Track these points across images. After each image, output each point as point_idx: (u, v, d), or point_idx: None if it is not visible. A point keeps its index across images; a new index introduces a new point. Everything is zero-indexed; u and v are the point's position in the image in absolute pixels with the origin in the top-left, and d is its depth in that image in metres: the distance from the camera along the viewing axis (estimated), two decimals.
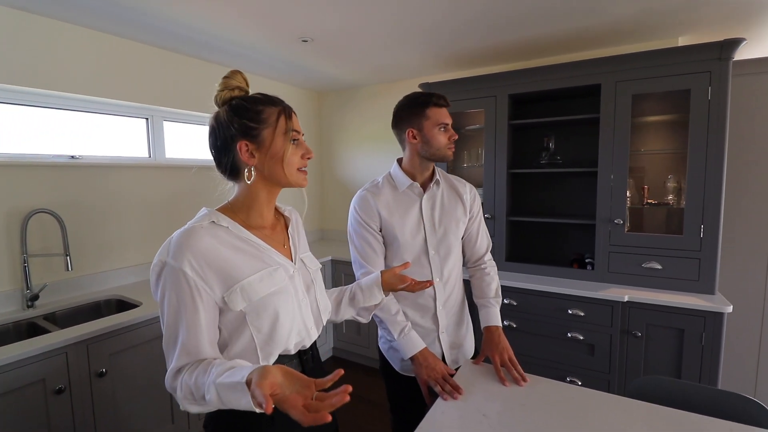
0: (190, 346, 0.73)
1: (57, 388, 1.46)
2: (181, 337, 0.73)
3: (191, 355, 0.73)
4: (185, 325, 0.73)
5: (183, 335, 0.73)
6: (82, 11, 1.77)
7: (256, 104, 0.85)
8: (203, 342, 0.74)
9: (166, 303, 0.74)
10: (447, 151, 1.28)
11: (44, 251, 1.84)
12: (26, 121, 1.90)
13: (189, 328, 0.73)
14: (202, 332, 0.74)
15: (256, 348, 0.80)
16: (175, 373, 0.73)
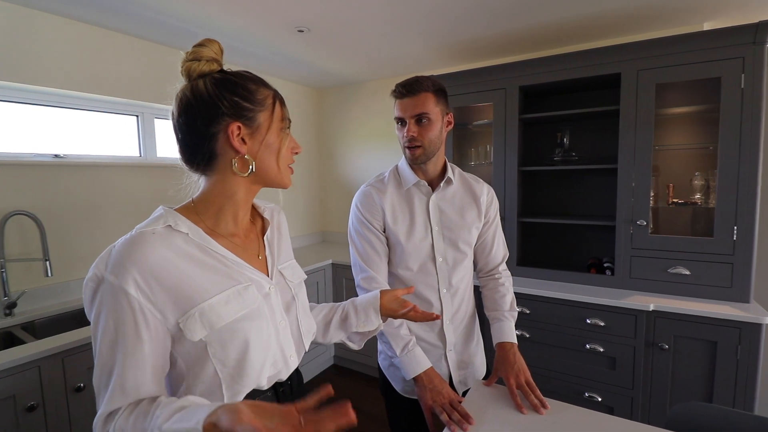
0: (128, 386, 0.58)
1: (29, 405, 1.33)
2: (116, 373, 0.58)
3: (128, 396, 0.58)
4: (122, 360, 0.58)
5: (119, 371, 0.58)
6: (66, 1, 1.66)
7: (247, 81, 0.70)
8: (145, 380, 0.59)
9: (100, 329, 0.59)
10: (405, 151, 1.12)
11: (23, 256, 1.73)
12: (6, 118, 1.79)
13: (127, 364, 0.58)
14: (144, 368, 0.59)
15: (220, 385, 0.65)
16: (106, 417, 0.58)
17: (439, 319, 1.15)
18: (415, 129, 1.08)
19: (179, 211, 0.70)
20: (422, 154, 1.10)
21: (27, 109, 1.85)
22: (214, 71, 0.70)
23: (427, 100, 1.08)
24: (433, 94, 1.09)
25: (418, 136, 1.08)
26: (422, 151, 1.10)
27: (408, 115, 1.08)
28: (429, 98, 1.08)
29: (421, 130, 1.08)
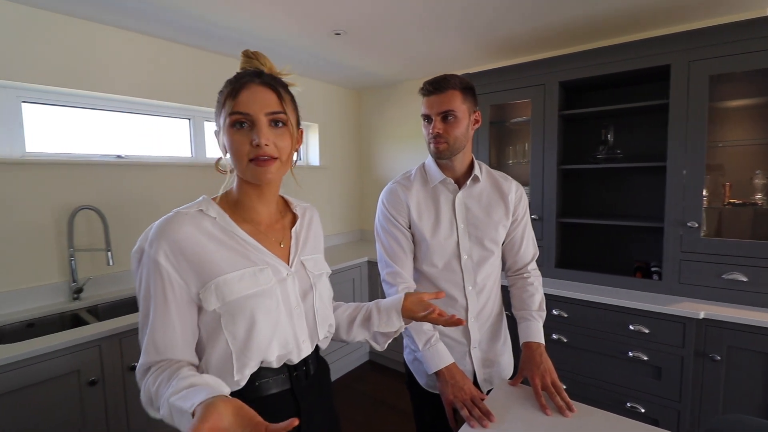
0: (159, 343, 0.68)
1: (90, 379, 1.49)
2: (149, 329, 0.68)
3: (159, 353, 0.68)
4: (154, 319, 0.68)
5: (151, 328, 0.68)
6: (125, 14, 1.83)
7: (223, 88, 0.76)
8: (175, 341, 0.69)
9: (141, 292, 0.70)
10: (430, 146, 1.12)
11: (89, 246, 1.92)
12: (75, 122, 2.00)
13: (157, 323, 0.69)
14: (173, 330, 0.68)
15: (231, 356, 0.71)
16: (144, 370, 0.68)
17: (462, 313, 1.15)
18: (440, 126, 1.09)
19: (215, 199, 0.79)
20: (446, 150, 1.10)
21: (93, 114, 2.06)
22: None
23: (454, 97, 1.08)
24: (460, 92, 1.09)
25: (444, 133, 1.09)
26: (447, 147, 1.10)
27: (434, 112, 1.09)
28: (456, 96, 1.08)
29: (446, 127, 1.09)
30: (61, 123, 1.96)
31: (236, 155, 0.73)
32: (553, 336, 1.98)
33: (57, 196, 1.84)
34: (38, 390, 1.37)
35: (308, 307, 0.82)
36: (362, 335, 0.93)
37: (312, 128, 3.13)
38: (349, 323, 0.93)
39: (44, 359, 1.38)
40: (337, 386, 2.64)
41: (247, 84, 0.72)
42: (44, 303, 1.81)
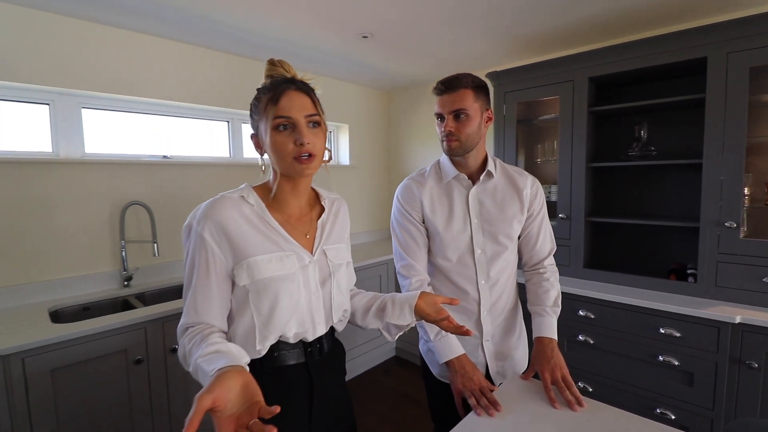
0: (198, 308, 0.78)
1: (136, 358, 1.64)
2: (191, 295, 0.78)
3: (198, 315, 0.78)
4: (196, 286, 0.79)
5: (193, 294, 0.78)
6: (171, 25, 2.00)
7: (260, 94, 0.84)
8: (211, 306, 0.78)
9: (187, 262, 0.81)
10: (443, 144, 1.14)
11: (138, 238, 2.11)
12: (128, 126, 2.20)
13: (198, 290, 0.79)
14: (210, 296, 0.78)
15: (254, 329, 0.80)
16: (183, 330, 0.78)
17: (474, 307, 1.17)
18: (452, 124, 1.11)
19: (255, 188, 0.88)
20: (458, 147, 1.13)
21: (143, 118, 2.25)
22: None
23: (466, 96, 1.11)
24: (472, 91, 1.11)
25: (456, 131, 1.11)
26: (458, 144, 1.13)
27: (446, 110, 1.12)
28: (467, 95, 1.11)
29: (458, 125, 1.11)
30: (115, 126, 2.16)
31: (280, 154, 0.81)
32: (579, 337, 1.95)
33: (111, 193, 2.04)
34: (91, 365, 1.54)
35: (326, 292, 0.89)
36: (376, 324, 0.98)
37: (342, 129, 3.23)
38: (365, 311, 0.99)
39: (97, 338, 1.54)
40: (363, 379, 2.72)
41: (285, 90, 0.80)
42: (98, 289, 2.01)
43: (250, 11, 1.84)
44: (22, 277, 1.81)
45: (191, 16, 1.87)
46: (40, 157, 1.90)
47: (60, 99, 1.95)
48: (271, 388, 0.75)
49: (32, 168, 1.82)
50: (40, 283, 1.85)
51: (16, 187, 1.78)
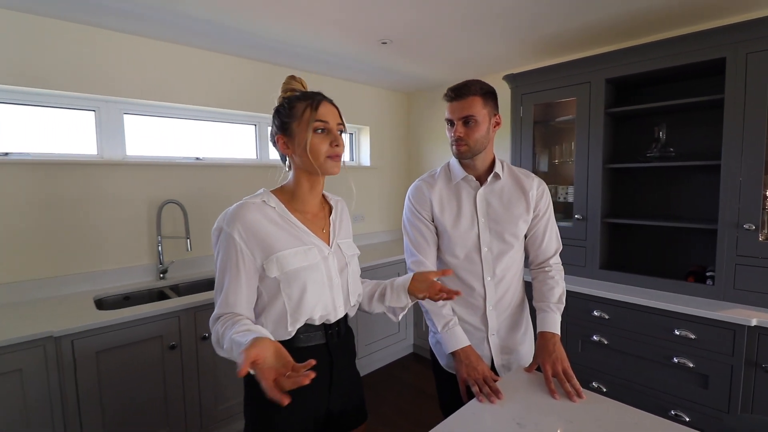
0: (229, 300, 0.88)
1: (171, 344, 1.79)
2: (224, 289, 0.89)
3: (228, 307, 0.88)
4: (228, 282, 0.89)
5: (225, 289, 0.88)
6: (203, 36, 2.15)
7: (292, 101, 0.95)
8: (240, 298, 0.89)
9: (219, 260, 0.91)
10: (452, 148, 1.21)
11: (172, 234, 2.27)
12: (164, 130, 2.37)
13: (231, 285, 0.89)
14: (240, 290, 0.89)
15: (286, 313, 0.91)
16: (215, 319, 0.88)
17: (480, 302, 1.24)
18: (462, 130, 1.18)
19: (274, 192, 0.99)
20: (467, 151, 1.19)
21: (177, 123, 2.42)
22: (282, 100, 0.99)
23: (475, 103, 1.17)
24: (480, 97, 1.17)
25: (465, 137, 1.17)
26: (467, 149, 1.19)
27: (456, 116, 1.18)
28: (476, 101, 1.17)
29: (467, 130, 1.18)
30: (153, 130, 2.34)
31: (316, 152, 0.92)
32: (593, 337, 1.96)
33: (149, 192, 2.21)
34: (130, 349, 1.69)
35: (344, 280, 1.01)
36: (380, 308, 1.10)
37: (363, 131, 3.33)
38: (369, 298, 1.11)
39: (136, 325, 1.70)
40: (381, 374, 2.80)
41: (322, 101, 0.94)
42: (137, 280, 2.18)
43: (276, 21, 1.96)
44: (69, 268, 1.99)
45: (222, 27, 2.01)
46: (87, 159, 2.09)
47: (105, 106, 2.14)
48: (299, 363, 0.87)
49: (79, 169, 2.00)
50: (86, 273, 2.03)
51: (65, 187, 1.96)
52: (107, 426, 1.64)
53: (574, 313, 2.02)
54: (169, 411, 1.80)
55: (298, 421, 0.94)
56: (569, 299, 2.01)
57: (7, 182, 1.82)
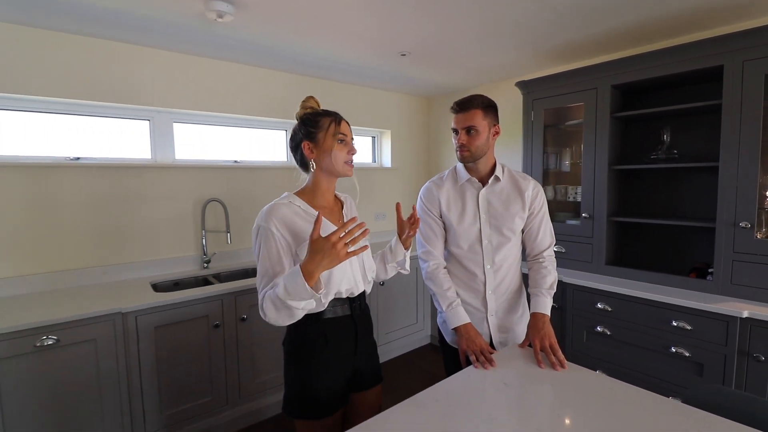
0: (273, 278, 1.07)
1: (215, 323, 2.06)
2: (268, 275, 1.07)
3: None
4: (272, 266, 1.08)
5: (270, 273, 1.07)
6: (240, 53, 2.42)
7: (317, 116, 1.17)
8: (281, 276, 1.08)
9: (261, 251, 1.10)
10: (456, 153, 1.40)
11: (214, 229, 2.56)
12: (206, 137, 2.67)
13: (274, 268, 1.07)
14: (282, 270, 1.08)
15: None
16: (262, 297, 1.07)
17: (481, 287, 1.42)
18: (465, 138, 1.37)
19: (297, 193, 1.20)
20: (469, 156, 1.38)
21: (216, 130, 2.71)
22: (308, 112, 1.19)
23: (476, 115, 1.35)
24: (481, 110, 1.36)
25: (467, 144, 1.36)
26: (469, 155, 1.38)
27: (460, 126, 1.37)
28: (478, 114, 1.35)
29: (469, 139, 1.36)
30: (198, 137, 2.63)
31: (337, 159, 1.15)
32: (597, 328, 2.09)
33: (194, 191, 2.50)
34: (182, 326, 1.97)
35: (359, 259, 1.21)
36: (391, 270, 1.36)
37: (385, 134, 3.54)
38: (381, 265, 1.35)
39: (186, 306, 1.97)
40: (400, 361, 3.00)
41: (341, 118, 1.18)
42: (185, 269, 2.48)
43: (305, 38, 2.20)
44: (128, 257, 2.31)
45: (258, 46, 2.27)
46: (142, 162, 2.40)
47: (157, 116, 2.44)
48: (330, 331, 1.14)
49: (136, 171, 2.31)
50: (142, 262, 2.34)
51: (124, 186, 2.28)
52: (162, 390, 1.93)
53: (580, 306, 2.16)
54: (212, 381, 2.07)
55: (332, 378, 1.15)
56: (575, 292, 2.17)
57: (78, 183, 2.14)
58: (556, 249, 2.42)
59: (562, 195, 2.54)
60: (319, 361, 1.14)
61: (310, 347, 1.14)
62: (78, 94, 2.11)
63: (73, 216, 2.14)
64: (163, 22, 1.94)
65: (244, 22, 1.94)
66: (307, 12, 1.85)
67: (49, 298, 1.94)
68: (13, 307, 1.80)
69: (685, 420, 0.95)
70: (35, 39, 1.98)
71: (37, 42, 1.98)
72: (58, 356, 1.68)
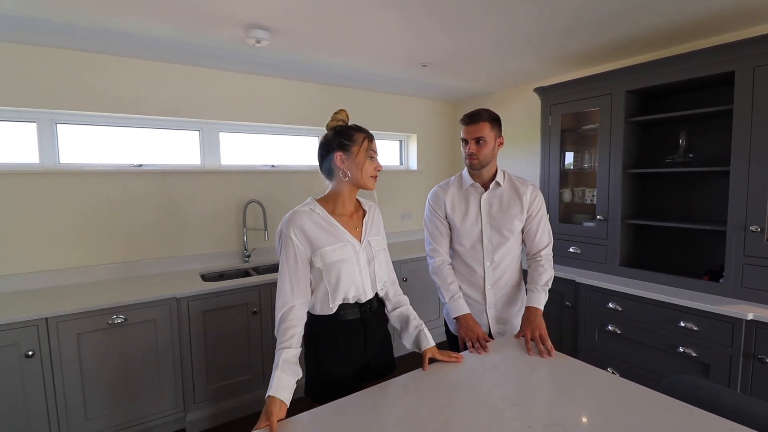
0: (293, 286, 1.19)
1: (253, 310, 2.34)
2: (287, 279, 1.18)
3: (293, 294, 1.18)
4: (290, 272, 1.18)
5: (288, 278, 1.18)
6: (277, 69, 2.69)
7: (351, 130, 1.28)
8: (298, 282, 1.19)
9: (282, 258, 1.20)
10: (466, 161, 1.54)
11: (254, 227, 2.86)
12: (247, 144, 2.98)
13: (291, 274, 1.19)
14: (298, 276, 1.19)
15: (328, 294, 1.22)
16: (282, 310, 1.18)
17: (481, 282, 1.57)
18: (474, 148, 1.52)
19: (318, 200, 1.32)
20: (478, 164, 1.53)
21: (256, 138, 3.01)
22: (335, 126, 1.32)
23: (484, 127, 1.50)
24: (488, 123, 1.51)
25: (476, 153, 1.51)
26: (478, 162, 1.53)
27: (470, 137, 1.52)
28: (485, 126, 1.51)
29: (478, 148, 1.51)
30: (240, 144, 2.95)
31: (366, 171, 1.23)
32: (608, 327, 2.16)
33: (237, 193, 2.81)
34: (225, 312, 2.26)
35: (371, 269, 1.32)
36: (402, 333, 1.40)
37: (411, 138, 3.71)
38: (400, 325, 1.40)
39: (229, 294, 2.26)
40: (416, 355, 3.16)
41: (372, 137, 1.27)
42: (228, 262, 2.79)
43: (334, 56, 2.43)
44: (179, 251, 2.64)
45: (294, 63, 2.53)
46: (193, 168, 2.74)
47: (206, 127, 2.77)
48: (340, 331, 1.25)
49: (187, 176, 2.64)
50: (191, 255, 2.68)
51: (177, 189, 2.61)
52: (208, 366, 2.23)
53: (592, 305, 2.23)
54: (251, 361, 2.36)
55: (343, 370, 1.27)
56: (588, 292, 2.26)
57: (139, 186, 2.50)
58: (572, 250, 2.50)
59: (579, 197, 2.60)
60: (331, 356, 1.25)
61: (322, 344, 1.26)
62: (145, 110, 2.46)
63: (136, 215, 2.50)
64: (210, 47, 2.23)
65: (278, 45, 2.20)
66: (334, 35, 2.08)
67: (116, 284, 2.30)
68: (88, 291, 2.17)
69: (635, 395, 1.06)
70: (126, 67, 2.35)
71: (120, 68, 2.35)
72: (125, 332, 2.02)
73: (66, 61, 2.24)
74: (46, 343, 1.85)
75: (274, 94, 2.91)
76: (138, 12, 1.78)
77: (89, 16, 1.81)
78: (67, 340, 1.88)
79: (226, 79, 2.71)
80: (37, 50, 2.17)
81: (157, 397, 2.11)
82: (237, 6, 1.74)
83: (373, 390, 1.16)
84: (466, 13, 1.83)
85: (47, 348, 1.85)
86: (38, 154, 2.32)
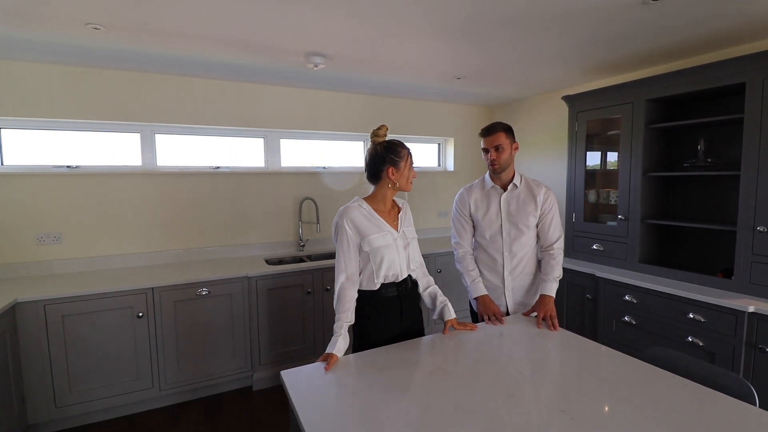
0: (348, 270, 1.49)
1: (307, 291, 2.77)
2: (343, 263, 1.49)
3: (347, 276, 1.49)
4: (345, 257, 1.50)
5: (344, 262, 1.49)
6: (328, 83, 3.10)
7: (398, 147, 1.59)
8: (351, 263, 1.50)
9: (337, 244, 1.53)
10: (489, 167, 1.83)
11: (308, 220, 3.30)
12: (301, 149, 3.42)
13: (346, 258, 1.49)
14: (351, 258, 1.50)
15: (373, 273, 1.57)
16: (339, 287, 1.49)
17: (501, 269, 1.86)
18: (495, 154, 1.82)
19: (364, 199, 1.66)
20: (499, 168, 1.83)
21: (312, 143, 3.45)
22: (383, 141, 1.66)
23: (500, 136, 1.80)
24: (503, 132, 1.81)
25: (497, 159, 1.81)
26: (499, 166, 1.82)
27: (490, 146, 1.82)
28: (501, 135, 1.80)
29: (498, 154, 1.81)
30: (297, 148, 3.40)
31: (407, 179, 1.55)
32: (624, 318, 2.36)
33: (294, 191, 3.26)
34: (285, 291, 2.70)
35: (406, 253, 1.65)
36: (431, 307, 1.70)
37: (449, 141, 4.00)
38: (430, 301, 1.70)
39: (288, 276, 2.70)
40: None
41: (410, 151, 1.59)
42: (286, 251, 3.25)
43: (378, 73, 2.79)
44: (247, 239, 3.13)
45: (344, 78, 2.92)
46: (259, 170, 3.22)
47: (270, 134, 3.24)
48: (382, 306, 1.55)
49: (253, 176, 3.12)
50: (257, 243, 3.16)
51: (246, 187, 3.10)
52: (272, 331, 2.67)
53: (610, 298, 2.43)
54: (304, 333, 2.78)
55: (382, 331, 1.59)
56: (606, 286, 2.48)
57: (216, 186, 3.00)
58: (595, 247, 2.70)
59: (604, 198, 2.78)
60: (374, 323, 1.55)
61: (367, 315, 1.55)
62: (229, 122, 2.97)
63: (211, 208, 3.01)
64: (275, 70, 2.68)
65: (332, 67, 2.60)
66: (380, 58, 2.44)
67: (200, 265, 2.81)
68: (179, 269, 2.69)
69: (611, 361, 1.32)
70: (208, 87, 2.86)
71: (203, 88, 2.87)
72: (208, 303, 2.50)
73: (163, 84, 2.78)
74: (152, 307, 2.37)
75: (326, 105, 3.33)
76: (221, 48, 2.24)
77: (185, 51, 2.30)
78: (167, 305, 2.40)
79: (285, 94, 3.16)
80: (143, 76, 2.72)
81: (231, 357, 2.58)
82: (301, 42, 2.14)
83: (403, 343, 1.51)
84: (498, 36, 2.11)
85: (152, 311, 2.37)
86: (141, 159, 2.88)
